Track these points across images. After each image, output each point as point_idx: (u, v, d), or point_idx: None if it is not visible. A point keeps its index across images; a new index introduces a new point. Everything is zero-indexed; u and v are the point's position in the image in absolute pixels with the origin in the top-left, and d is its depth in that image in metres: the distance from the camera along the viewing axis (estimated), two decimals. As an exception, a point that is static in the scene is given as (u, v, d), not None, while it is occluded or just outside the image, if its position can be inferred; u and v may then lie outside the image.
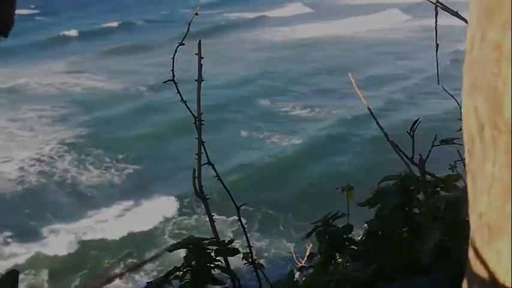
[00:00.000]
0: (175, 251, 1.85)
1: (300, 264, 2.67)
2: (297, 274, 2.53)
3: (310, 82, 22.10)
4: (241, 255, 2.08)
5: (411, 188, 1.86)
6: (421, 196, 1.86)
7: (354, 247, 2.05)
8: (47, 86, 23.62)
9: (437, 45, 2.21)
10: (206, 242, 1.92)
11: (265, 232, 12.31)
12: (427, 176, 1.95)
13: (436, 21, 2.05)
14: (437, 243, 1.52)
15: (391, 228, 1.85)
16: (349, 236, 2.09)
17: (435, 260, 1.52)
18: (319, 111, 18.97)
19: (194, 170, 2.05)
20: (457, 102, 2.21)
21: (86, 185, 14.69)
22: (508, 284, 0.54)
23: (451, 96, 2.34)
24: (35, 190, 14.64)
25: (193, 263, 1.86)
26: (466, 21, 1.82)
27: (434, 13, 2.02)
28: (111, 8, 45.37)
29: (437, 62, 2.34)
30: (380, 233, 1.90)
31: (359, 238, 2.06)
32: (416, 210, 1.84)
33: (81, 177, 15.09)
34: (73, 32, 34.81)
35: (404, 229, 1.83)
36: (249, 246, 2.13)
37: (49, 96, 22.26)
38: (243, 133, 17.55)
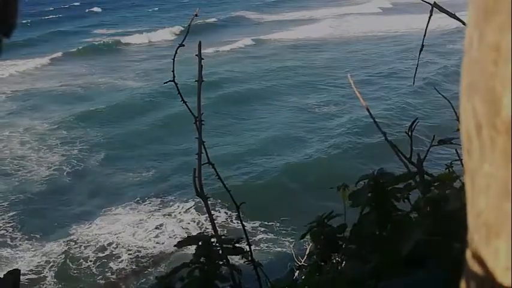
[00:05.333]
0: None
1: (299, 263, 2.68)
2: (296, 273, 2.53)
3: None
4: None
5: (385, 185, 1.87)
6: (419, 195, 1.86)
7: (350, 246, 2.05)
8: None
9: (422, 46, 2.21)
10: (215, 239, 1.92)
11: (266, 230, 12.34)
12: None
13: (429, 22, 2.05)
14: (420, 238, 1.53)
15: (364, 228, 1.86)
16: (344, 235, 2.10)
17: (424, 255, 1.53)
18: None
19: (194, 169, 2.06)
20: (450, 103, 2.22)
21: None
22: (506, 283, 0.54)
23: (444, 97, 2.35)
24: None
25: (202, 259, 1.86)
26: (463, 23, 1.82)
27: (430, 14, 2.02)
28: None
29: (417, 63, 2.34)
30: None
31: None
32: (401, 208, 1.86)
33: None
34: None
35: (383, 228, 1.84)
36: (249, 245, 2.13)
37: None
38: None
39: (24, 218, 13.85)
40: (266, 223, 12.64)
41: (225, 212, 12.63)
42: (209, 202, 2.10)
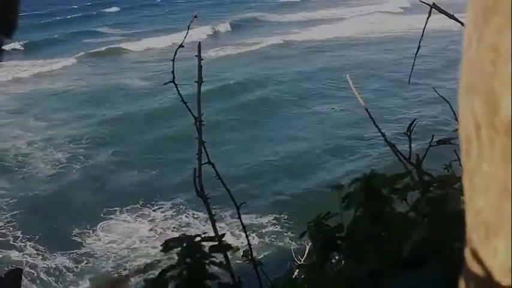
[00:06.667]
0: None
1: (299, 262, 2.68)
2: (296, 272, 2.54)
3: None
4: (241, 253, 2.09)
5: (377, 186, 1.87)
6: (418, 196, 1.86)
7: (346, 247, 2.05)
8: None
9: (419, 46, 2.22)
10: (199, 238, 1.91)
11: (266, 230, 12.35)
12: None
13: (426, 22, 2.05)
14: (420, 238, 1.53)
15: (360, 229, 1.86)
16: (342, 235, 2.09)
17: (425, 255, 1.53)
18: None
19: (195, 169, 2.06)
20: (448, 103, 2.22)
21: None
22: (505, 282, 0.54)
23: (442, 97, 2.35)
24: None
25: (188, 260, 1.85)
26: (462, 24, 1.83)
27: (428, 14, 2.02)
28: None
29: (413, 62, 2.34)
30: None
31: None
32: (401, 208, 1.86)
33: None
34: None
35: (378, 229, 1.84)
36: (249, 244, 2.14)
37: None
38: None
39: (28, 218, 13.84)
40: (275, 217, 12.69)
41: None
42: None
